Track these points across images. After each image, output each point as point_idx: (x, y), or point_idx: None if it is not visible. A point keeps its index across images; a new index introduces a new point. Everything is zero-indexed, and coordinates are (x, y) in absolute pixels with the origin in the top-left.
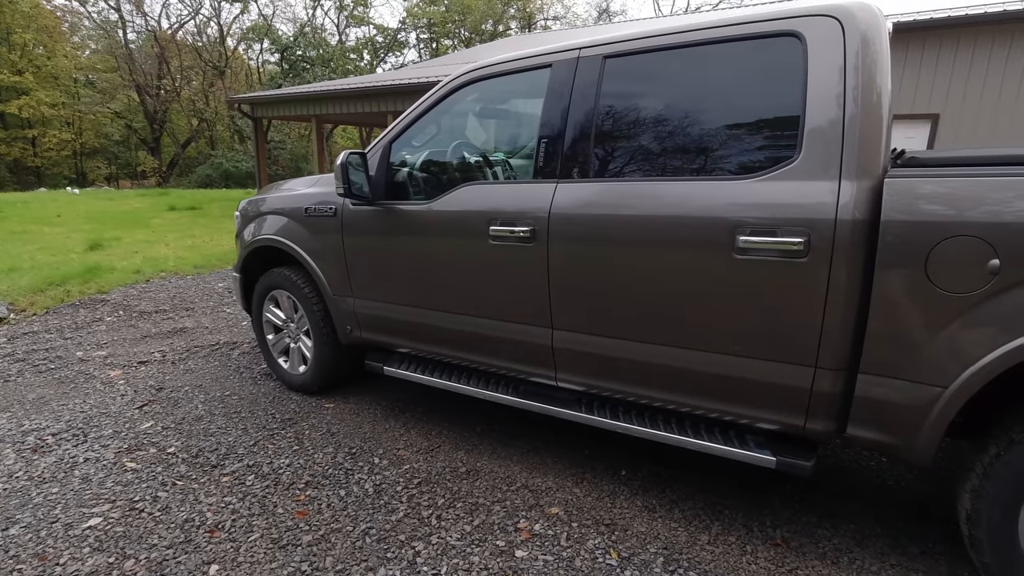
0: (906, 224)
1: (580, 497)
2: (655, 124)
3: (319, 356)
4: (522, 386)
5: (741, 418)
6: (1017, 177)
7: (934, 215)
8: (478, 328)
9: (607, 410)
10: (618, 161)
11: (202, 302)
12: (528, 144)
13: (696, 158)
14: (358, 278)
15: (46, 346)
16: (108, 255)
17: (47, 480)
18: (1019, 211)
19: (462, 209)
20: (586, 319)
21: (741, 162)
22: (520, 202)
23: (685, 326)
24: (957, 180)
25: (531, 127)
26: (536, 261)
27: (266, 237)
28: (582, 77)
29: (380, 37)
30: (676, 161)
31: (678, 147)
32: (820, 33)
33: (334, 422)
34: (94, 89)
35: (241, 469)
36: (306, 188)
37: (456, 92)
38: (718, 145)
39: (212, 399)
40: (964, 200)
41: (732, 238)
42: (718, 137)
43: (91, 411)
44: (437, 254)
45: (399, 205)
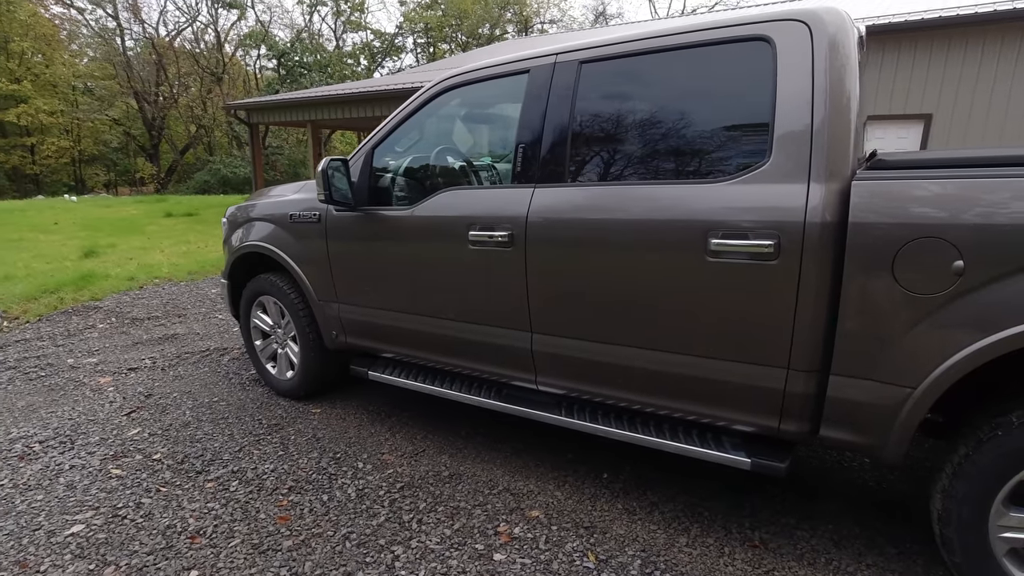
0: (873, 226)
1: (561, 500)
2: (629, 129)
3: (306, 361)
4: (504, 390)
5: (718, 420)
6: (981, 179)
7: (900, 217)
8: (460, 332)
9: (587, 413)
10: (593, 166)
11: (194, 308)
12: (507, 149)
13: (669, 162)
14: (342, 283)
15: (37, 354)
16: (103, 262)
17: (32, 487)
18: (982, 212)
19: (442, 214)
20: (564, 322)
21: (713, 165)
22: (498, 207)
23: (660, 329)
24: (922, 182)
25: (510, 132)
26: (514, 265)
27: (252, 243)
28: (558, 82)
29: (377, 42)
30: (650, 165)
31: (652, 151)
32: (789, 38)
33: (320, 427)
34: (92, 96)
35: (226, 475)
36: (291, 194)
37: (436, 98)
38: (691, 149)
39: (200, 405)
40: (929, 202)
41: (705, 241)
42: (691, 141)
43: (79, 418)
44: (419, 259)
45: (381, 211)
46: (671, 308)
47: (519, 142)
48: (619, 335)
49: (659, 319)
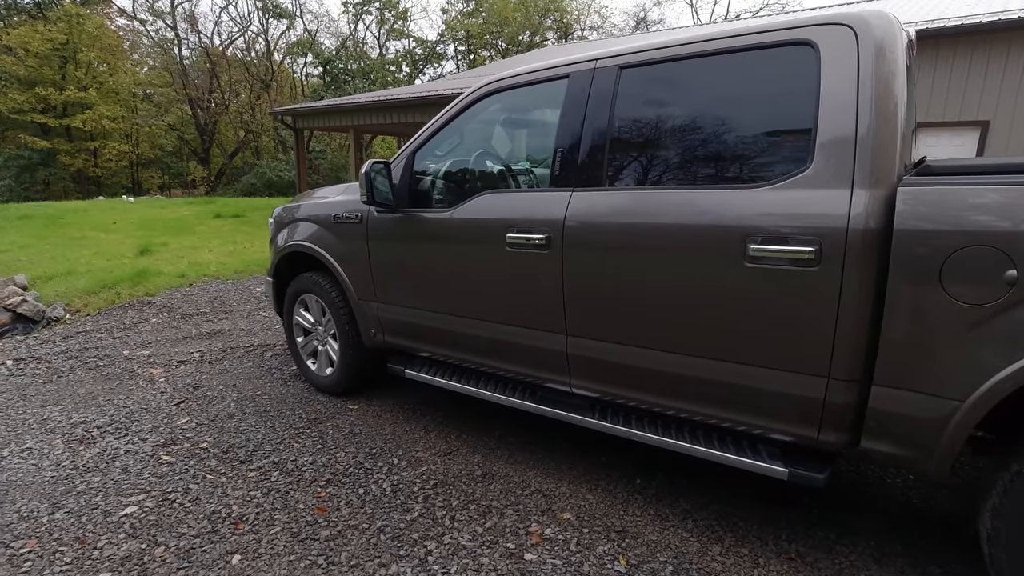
0: (920, 233)
1: (593, 503)
2: (668, 134)
3: (345, 359)
4: (538, 392)
5: (754, 428)
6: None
7: (948, 224)
8: (495, 334)
9: (620, 417)
10: (631, 170)
11: (240, 306)
12: (546, 154)
13: (709, 167)
14: (381, 283)
15: (96, 345)
16: (156, 260)
17: (90, 469)
18: None
19: (481, 217)
20: (599, 326)
21: (753, 171)
22: (536, 210)
23: (697, 334)
24: (973, 188)
25: (549, 137)
26: (551, 268)
27: (296, 243)
28: (598, 87)
29: (419, 49)
30: (689, 170)
31: (691, 156)
32: (834, 42)
33: (357, 423)
34: (151, 103)
35: (267, 465)
36: (335, 196)
37: (477, 103)
38: (731, 154)
39: (244, 398)
40: (980, 209)
41: (743, 246)
42: (731, 146)
43: (133, 406)
44: (456, 260)
45: (421, 213)
46: (708, 313)
47: (557, 146)
48: (655, 339)
49: (696, 324)
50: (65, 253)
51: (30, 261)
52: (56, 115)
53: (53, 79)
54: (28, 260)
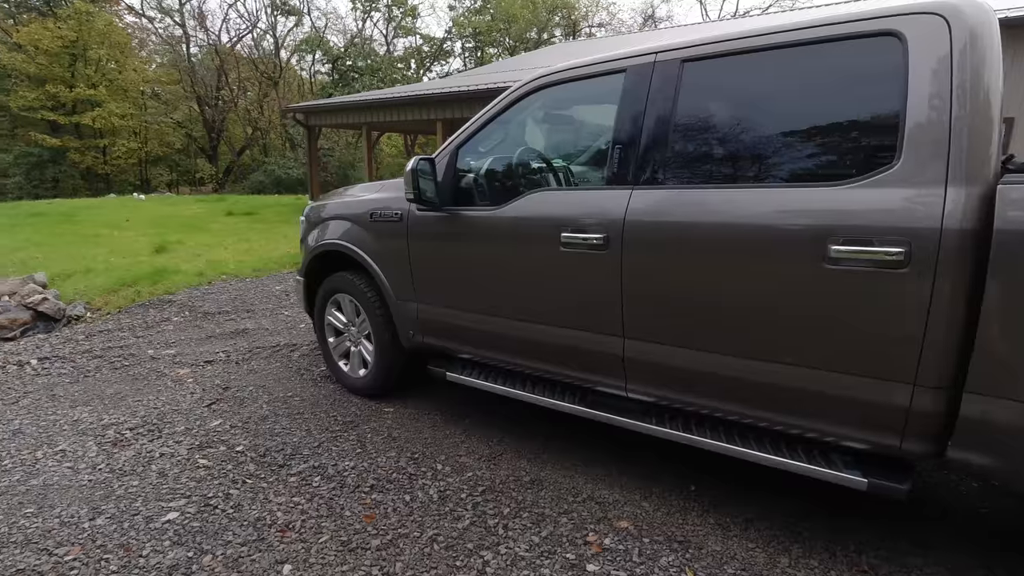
0: None
1: (649, 512)
2: (738, 129)
3: (380, 360)
4: (589, 395)
5: (826, 436)
6: None
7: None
8: (546, 336)
9: (679, 423)
10: (698, 167)
11: (261, 304)
12: (600, 150)
13: (783, 164)
14: (422, 283)
15: (120, 344)
16: (173, 258)
17: (127, 473)
18: None
19: (532, 215)
20: (661, 329)
21: (833, 168)
22: (593, 209)
23: (770, 338)
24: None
25: (603, 133)
26: (609, 269)
27: (330, 241)
28: (658, 82)
29: (426, 47)
30: (761, 168)
31: (763, 153)
32: (923, 32)
33: (394, 426)
34: (159, 101)
35: (307, 470)
36: (371, 193)
37: (525, 98)
38: (807, 150)
39: (275, 399)
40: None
41: (823, 248)
42: (808, 142)
43: (164, 407)
44: (505, 260)
45: (466, 211)
46: (782, 317)
47: (615, 143)
48: (722, 344)
49: (768, 328)
50: (81, 251)
51: (46, 259)
52: (66, 113)
53: (63, 76)
54: (44, 258)
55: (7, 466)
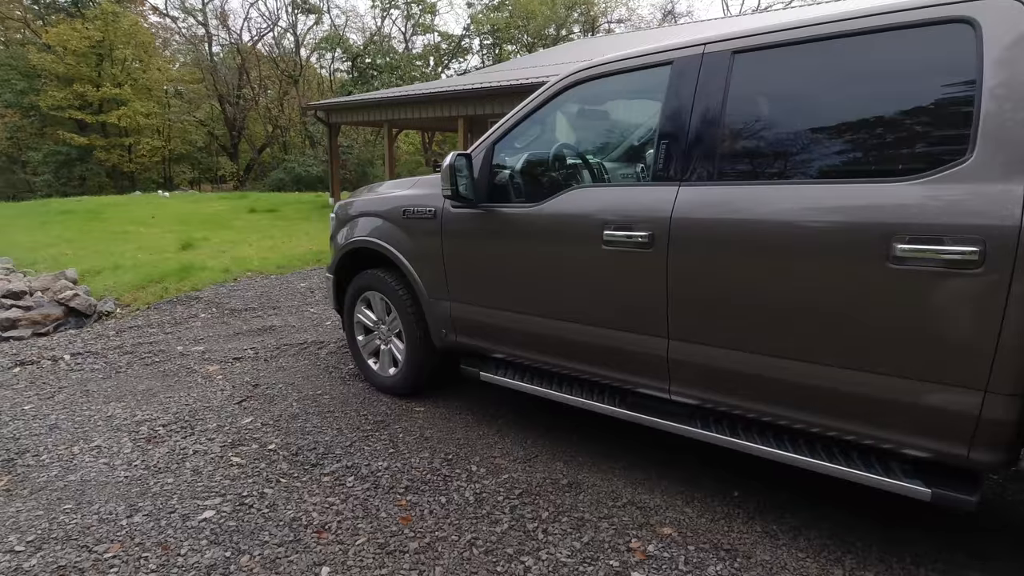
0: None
1: (692, 518)
2: (793, 123)
3: (411, 359)
4: (629, 397)
5: (884, 443)
6: None
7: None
8: (585, 336)
9: (725, 426)
10: (750, 163)
11: (287, 301)
12: (643, 146)
13: (842, 159)
14: (456, 281)
15: (150, 340)
16: (199, 254)
17: (162, 470)
18: None
19: (572, 212)
20: (708, 330)
21: (898, 162)
22: (638, 206)
23: (827, 341)
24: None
25: (646, 128)
26: (654, 268)
27: (361, 239)
28: (708, 74)
29: (444, 44)
30: (817, 162)
31: (820, 147)
32: (998, 18)
33: (426, 426)
34: (182, 99)
35: (340, 470)
36: (403, 190)
37: (565, 92)
38: (869, 144)
39: (305, 397)
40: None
41: (887, 246)
42: (869, 136)
43: (195, 404)
44: (543, 258)
45: (503, 208)
46: (841, 319)
47: (661, 138)
48: (776, 346)
49: (827, 330)
50: (109, 247)
51: (76, 255)
52: (92, 112)
53: (90, 76)
54: (74, 254)
55: (45, 461)
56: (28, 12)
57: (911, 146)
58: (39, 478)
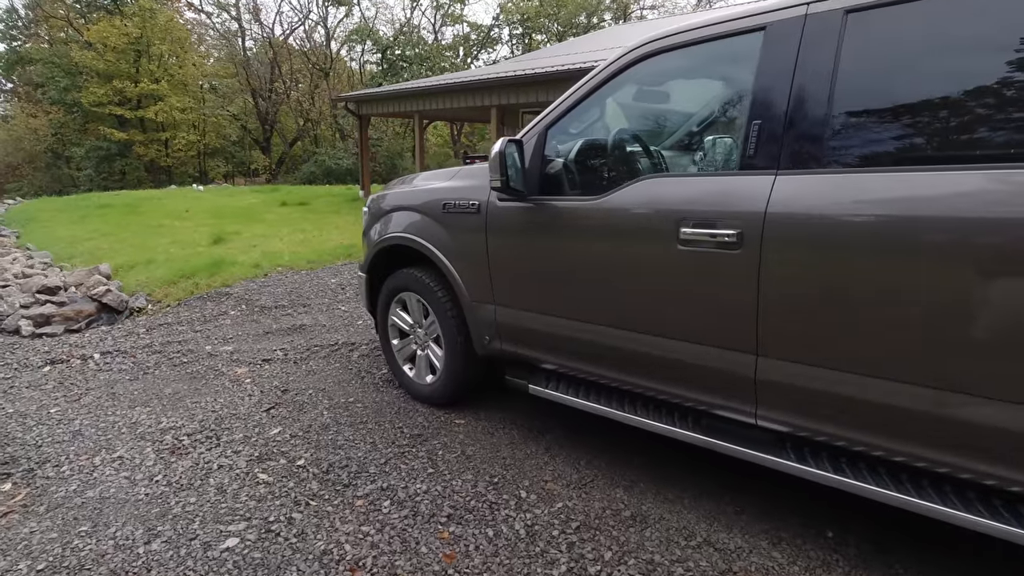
0: None
1: (783, 565)
2: (933, 95)
3: (450, 366)
4: (703, 419)
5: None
6: None
7: None
8: (652, 348)
9: (824, 460)
10: (872, 145)
11: (317, 299)
12: (728, 128)
13: (998, 139)
14: (502, 283)
15: (179, 339)
16: (230, 248)
17: (184, 487)
18: None
19: (641, 207)
20: (812, 347)
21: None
22: (724, 199)
23: (974, 364)
24: None
25: (735, 107)
26: (743, 272)
27: (397, 235)
28: (813, 40)
29: (473, 34)
30: (969, 144)
31: (973, 125)
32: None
33: (468, 442)
34: (216, 94)
35: (375, 492)
36: (442, 182)
37: (631, 68)
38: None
39: (336, 406)
40: None
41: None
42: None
43: (222, 411)
44: (605, 259)
45: (558, 201)
46: (999, 335)
47: (751, 118)
48: (901, 368)
49: (974, 350)
50: (144, 241)
51: (111, 249)
52: (131, 107)
53: (128, 72)
54: (110, 248)
55: (65, 473)
56: (71, 11)
57: None
58: (57, 493)
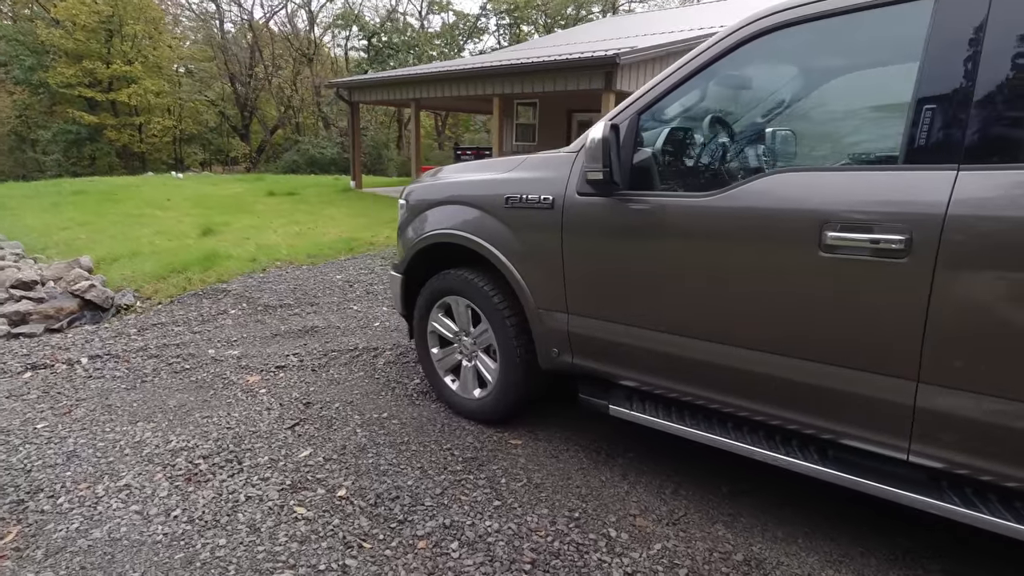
0: None
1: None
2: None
3: (506, 380)
4: (830, 451)
5: None
6: None
7: None
8: (775, 369)
9: (996, 504)
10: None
11: (325, 297)
12: (886, 114)
13: None
14: (579, 289)
15: (176, 341)
16: (221, 240)
17: (209, 525)
18: None
19: (770, 206)
20: (994, 376)
21: None
22: (885, 198)
23: None
24: None
25: (894, 87)
26: (908, 284)
27: (445, 232)
28: (1005, 2)
29: (460, 23)
30: None
31: None
32: None
33: (531, 468)
34: (193, 78)
35: (438, 531)
36: (502, 173)
37: (749, 44)
38: None
39: (369, 422)
40: None
41: None
42: None
43: (239, 428)
44: (720, 266)
45: (659, 198)
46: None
47: (923, 100)
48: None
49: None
50: (126, 232)
51: (90, 240)
52: (102, 90)
53: (100, 53)
54: (88, 239)
55: (63, 506)
56: None
57: None
58: (57, 533)
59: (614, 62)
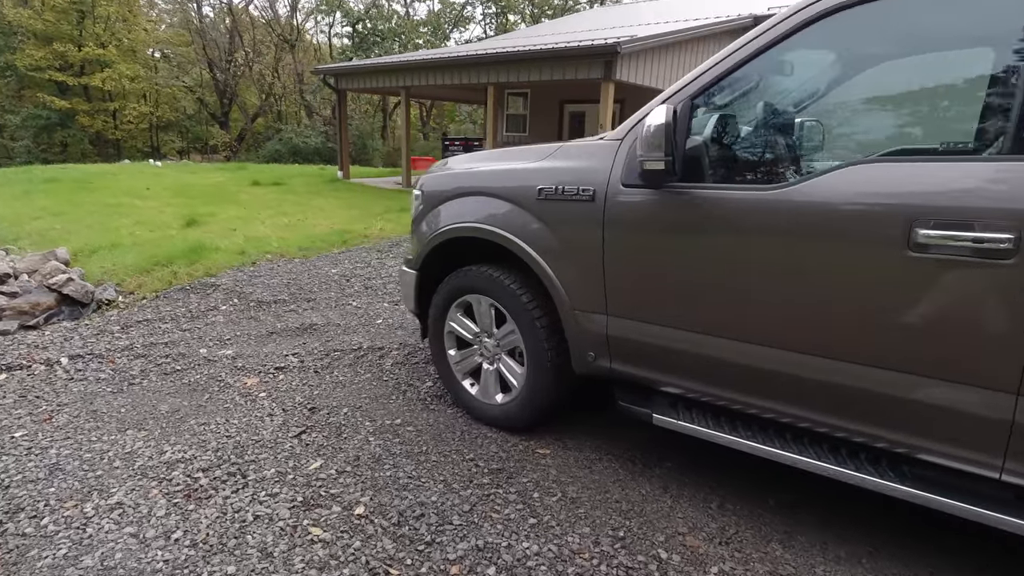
0: None
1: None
2: None
3: (534, 385)
4: (903, 466)
5: None
6: None
7: None
8: (847, 378)
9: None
10: None
11: (321, 292)
12: (986, 99)
13: None
14: (622, 289)
15: (165, 339)
16: (207, 232)
17: (215, 550)
18: None
19: (849, 201)
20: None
21: None
22: (993, 192)
23: None
24: None
25: (987, 71)
26: (1014, 288)
27: (468, 225)
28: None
29: (446, 11)
30: None
31: None
32: None
33: (565, 480)
34: (169, 63)
35: (471, 554)
36: (533, 162)
37: (817, 22)
38: None
39: (382, 429)
40: None
41: None
42: None
43: (240, 436)
44: (791, 266)
45: (718, 190)
46: None
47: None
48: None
49: None
50: (104, 222)
51: (66, 231)
52: (74, 74)
53: (71, 35)
54: (64, 229)
55: (48, 529)
56: None
57: None
58: (42, 561)
59: (615, 51)
